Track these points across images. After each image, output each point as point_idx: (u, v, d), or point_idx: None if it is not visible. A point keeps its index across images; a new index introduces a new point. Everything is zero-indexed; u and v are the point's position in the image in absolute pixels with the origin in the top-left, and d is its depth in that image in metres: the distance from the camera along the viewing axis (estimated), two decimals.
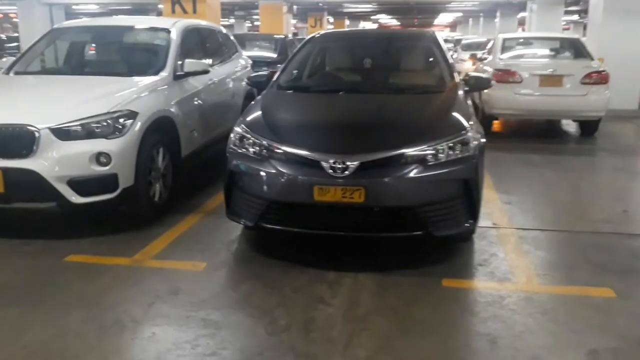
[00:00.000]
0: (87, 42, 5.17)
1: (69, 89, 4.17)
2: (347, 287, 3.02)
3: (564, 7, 17.91)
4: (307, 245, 3.59)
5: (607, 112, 7.54)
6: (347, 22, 32.90)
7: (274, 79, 4.43)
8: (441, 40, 4.86)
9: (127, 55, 5.04)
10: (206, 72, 4.98)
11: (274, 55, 9.48)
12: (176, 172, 4.45)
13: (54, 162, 3.54)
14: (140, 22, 5.20)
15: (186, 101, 4.66)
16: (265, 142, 3.37)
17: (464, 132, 3.38)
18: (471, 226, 3.33)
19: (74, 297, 2.95)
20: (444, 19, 37.67)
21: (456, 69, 4.57)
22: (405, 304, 2.83)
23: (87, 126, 3.63)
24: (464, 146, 3.31)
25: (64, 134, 3.58)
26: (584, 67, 7.54)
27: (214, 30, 6.14)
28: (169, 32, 4.87)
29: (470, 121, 3.54)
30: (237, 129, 3.61)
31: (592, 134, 7.89)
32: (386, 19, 37.45)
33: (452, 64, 4.50)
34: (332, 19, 31.01)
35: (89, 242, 3.70)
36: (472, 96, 4.24)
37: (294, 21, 24.26)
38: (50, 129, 3.55)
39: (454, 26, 44.28)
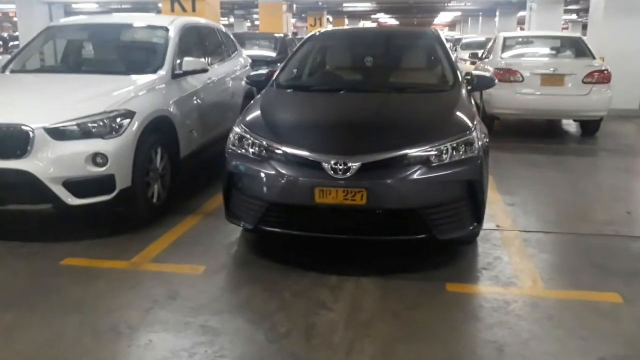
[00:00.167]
0: (84, 39, 5.09)
1: (64, 88, 4.09)
2: (349, 291, 2.96)
3: (563, 6, 17.85)
4: (308, 247, 3.52)
5: (608, 112, 7.48)
6: (346, 21, 32.90)
7: (274, 77, 4.36)
8: (444, 38, 4.80)
9: (124, 53, 4.96)
10: (205, 70, 4.91)
11: (274, 54, 9.40)
12: (175, 173, 4.38)
13: (49, 163, 3.46)
14: (137, 19, 5.11)
15: (185, 100, 4.59)
16: (264, 143, 3.30)
17: (468, 132, 3.31)
18: (475, 229, 3.27)
19: (69, 301, 2.88)
20: (443, 18, 37.61)
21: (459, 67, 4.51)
22: (408, 309, 2.77)
23: (83, 126, 3.55)
24: (468, 146, 3.24)
25: (59, 134, 3.50)
26: (586, 66, 7.48)
27: (213, 28, 6.07)
28: (166, 29, 4.79)
29: (474, 121, 3.48)
30: (236, 129, 3.54)
31: (593, 134, 7.84)
32: (385, 18, 37.39)
33: (455, 62, 4.43)
34: (331, 18, 30.96)
35: (86, 245, 3.63)
36: (473, 96, 4.17)
37: (293, 20, 24.20)
38: (45, 128, 3.47)
39: (452, 25, 44.26)
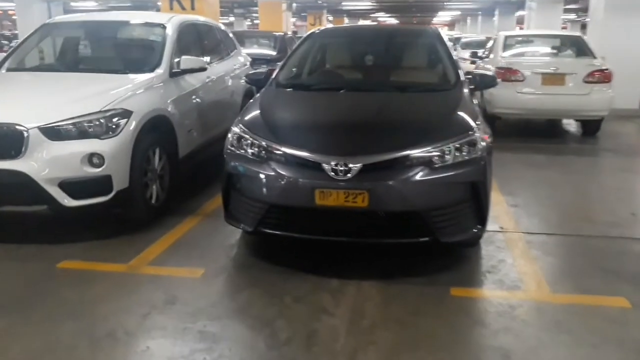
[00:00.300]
0: (80, 37, 5.01)
1: (60, 87, 4.01)
2: (351, 296, 2.89)
3: (563, 5, 17.80)
4: (309, 250, 3.45)
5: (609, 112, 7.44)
6: (346, 20, 32.86)
7: (273, 76, 4.29)
8: (445, 36, 4.74)
9: (121, 51, 4.88)
10: (203, 69, 4.84)
11: (273, 52, 9.33)
12: (173, 173, 4.31)
13: (44, 164, 3.39)
14: (134, 17, 5.04)
15: (183, 99, 4.52)
16: (264, 143, 3.23)
17: (471, 132, 3.25)
18: (479, 232, 3.20)
19: (65, 306, 2.81)
20: (442, 17, 37.57)
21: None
22: (412, 315, 2.70)
23: (78, 125, 3.48)
24: (472, 147, 3.17)
25: (54, 134, 3.43)
26: (587, 66, 7.43)
27: (211, 26, 5.99)
28: (164, 27, 4.72)
29: (477, 121, 3.41)
30: (235, 129, 3.47)
31: (594, 134, 7.79)
32: (385, 17, 37.35)
33: (456, 61, 4.37)
34: (331, 17, 30.91)
35: (83, 247, 3.56)
36: (474, 95, 4.13)
37: (293, 19, 24.15)
38: (39, 128, 3.40)
39: (452, 25, 44.19)
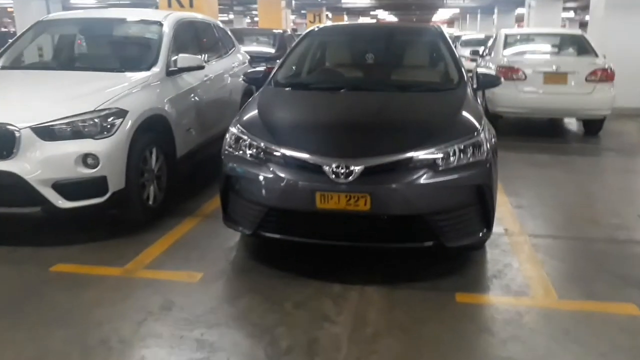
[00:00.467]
0: (75, 35, 4.91)
1: (53, 85, 3.91)
2: (353, 302, 2.80)
3: (562, 3, 17.72)
4: (310, 253, 3.36)
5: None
6: (345, 17, 32.77)
7: (271, 75, 4.19)
8: (447, 35, 4.65)
9: (116, 49, 4.78)
10: (201, 67, 4.74)
11: (273, 50, 9.23)
12: (171, 174, 4.22)
13: (37, 164, 3.30)
14: (131, 14, 4.94)
15: (180, 98, 4.43)
16: (262, 144, 3.14)
17: (475, 133, 3.16)
18: (485, 236, 3.12)
19: (58, 312, 2.72)
20: (441, 15, 37.48)
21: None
22: (417, 322, 2.62)
23: (72, 125, 3.39)
24: (477, 149, 3.09)
25: (47, 134, 3.34)
26: (589, 64, 7.35)
27: (209, 24, 5.89)
28: (161, 25, 4.62)
29: (481, 121, 3.33)
30: (233, 130, 3.38)
31: (597, 133, 7.71)
32: (384, 15, 37.27)
33: (459, 60, 4.28)
34: (330, 15, 30.82)
35: (78, 250, 3.47)
36: (477, 95, 4.06)
37: (292, 17, 24.05)
38: (31, 128, 3.31)
39: (451, 23, 44.07)
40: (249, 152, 3.18)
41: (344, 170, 2.88)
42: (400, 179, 2.91)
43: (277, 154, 3.07)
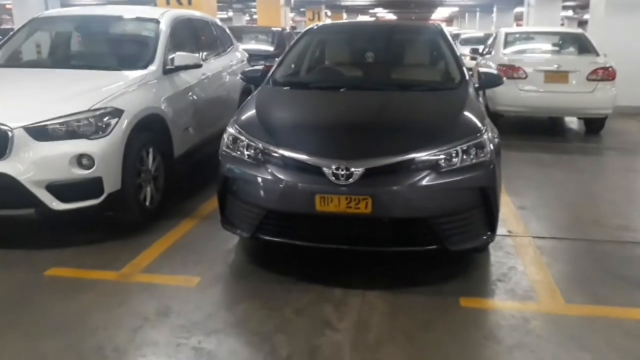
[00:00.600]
0: (70, 32, 4.82)
1: (47, 84, 3.82)
2: (355, 308, 2.73)
3: (561, 2, 17.66)
4: (310, 257, 3.28)
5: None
6: (344, 15, 32.71)
7: (270, 74, 4.11)
8: (448, 33, 4.58)
9: (112, 47, 4.69)
10: (199, 66, 4.66)
11: (271, 48, 9.14)
12: (168, 174, 4.15)
13: (31, 165, 3.22)
14: (127, 11, 4.84)
15: (177, 97, 4.35)
16: (260, 145, 3.06)
17: (478, 134, 3.09)
18: (489, 239, 3.04)
19: (52, 319, 2.64)
20: (440, 13, 37.42)
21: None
22: (420, 329, 2.55)
23: (66, 125, 3.31)
24: (480, 150, 3.01)
25: (40, 134, 3.26)
26: (590, 63, 7.29)
27: (207, 21, 5.81)
28: (157, 22, 4.53)
29: (484, 121, 3.26)
30: (230, 130, 3.30)
31: (598, 132, 7.66)
32: (383, 13, 37.19)
33: (460, 58, 4.21)
34: (329, 13, 30.73)
35: (73, 252, 3.40)
36: (479, 94, 3.99)
37: (292, 14, 23.97)
38: (25, 128, 3.23)
39: (450, 21, 44.00)
40: (246, 152, 3.10)
41: (344, 171, 2.81)
42: (402, 181, 2.84)
43: (275, 155, 3.00)
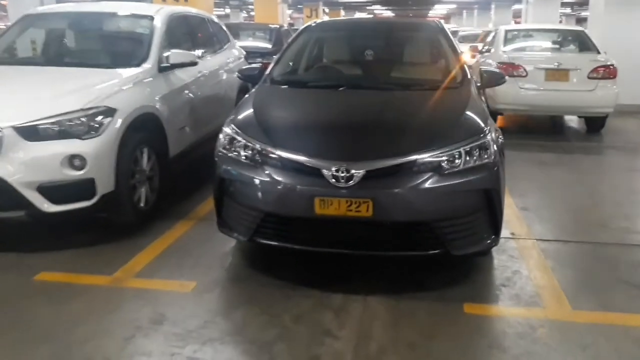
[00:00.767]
0: (63, 29, 4.70)
1: (38, 82, 3.72)
2: (356, 315, 2.64)
3: None
4: (310, 260, 3.19)
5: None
6: (342, 12, 32.64)
7: (267, 72, 4.01)
8: (449, 30, 4.48)
9: (106, 44, 4.59)
10: (194, 63, 4.56)
11: (269, 45, 9.03)
12: (164, 174, 4.05)
13: (21, 166, 3.13)
14: (121, 8, 4.74)
15: (173, 96, 4.25)
16: (258, 146, 2.96)
17: (482, 134, 2.99)
18: (493, 242, 2.96)
19: (40, 327, 2.54)
20: (438, 10, 37.34)
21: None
22: (424, 337, 2.46)
23: (58, 125, 3.21)
24: (483, 151, 2.92)
25: (31, 134, 3.16)
26: (591, 61, 7.21)
27: (203, 18, 5.70)
28: (152, 19, 4.43)
29: (487, 122, 3.17)
30: (227, 130, 3.20)
31: (599, 131, 7.58)
32: (381, 10, 37.08)
33: (462, 56, 4.11)
34: (327, 10, 30.63)
35: (64, 256, 3.30)
36: (481, 93, 3.90)
37: (289, 11, 23.86)
38: (15, 127, 3.13)
39: (447, 18, 43.90)
40: (243, 153, 3.00)
41: (344, 174, 2.71)
42: (404, 184, 2.75)
43: (273, 156, 2.90)
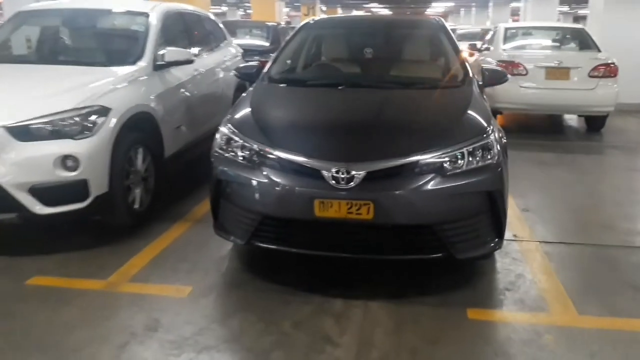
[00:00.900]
0: (57, 26, 4.61)
1: (30, 81, 3.63)
2: (357, 321, 2.57)
3: None
4: (309, 264, 3.12)
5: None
6: (339, 10, 32.56)
7: (265, 70, 3.93)
8: (449, 28, 4.41)
9: (100, 42, 4.49)
10: (190, 61, 4.48)
11: (266, 43, 8.96)
12: (159, 175, 3.97)
13: (12, 167, 3.05)
14: (116, 4, 4.65)
15: (168, 94, 4.16)
16: (255, 146, 2.88)
17: (485, 135, 2.92)
18: (497, 245, 2.89)
19: (33, 334, 2.46)
20: (435, 8, 37.28)
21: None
22: (427, 344, 2.39)
23: (50, 124, 3.13)
24: (486, 152, 2.85)
25: (23, 134, 3.08)
26: (591, 59, 7.15)
27: (200, 16, 5.62)
28: (147, 16, 4.34)
29: (490, 121, 3.09)
30: (223, 130, 3.12)
31: (599, 130, 7.53)
32: (378, 8, 37.01)
33: (463, 54, 4.04)
34: (324, 8, 30.55)
35: (58, 259, 3.22)
36: (483, 92, 3.84)
37: (287, 9, 23.77)
38: (6, 127, 3.05)
39: (445, 16, 43.85)
40: (241, 154, 2.93)
41: (344, 175, 2.64)
42: (405, 185, 2.67)
43: (271, 157, 2.83)
